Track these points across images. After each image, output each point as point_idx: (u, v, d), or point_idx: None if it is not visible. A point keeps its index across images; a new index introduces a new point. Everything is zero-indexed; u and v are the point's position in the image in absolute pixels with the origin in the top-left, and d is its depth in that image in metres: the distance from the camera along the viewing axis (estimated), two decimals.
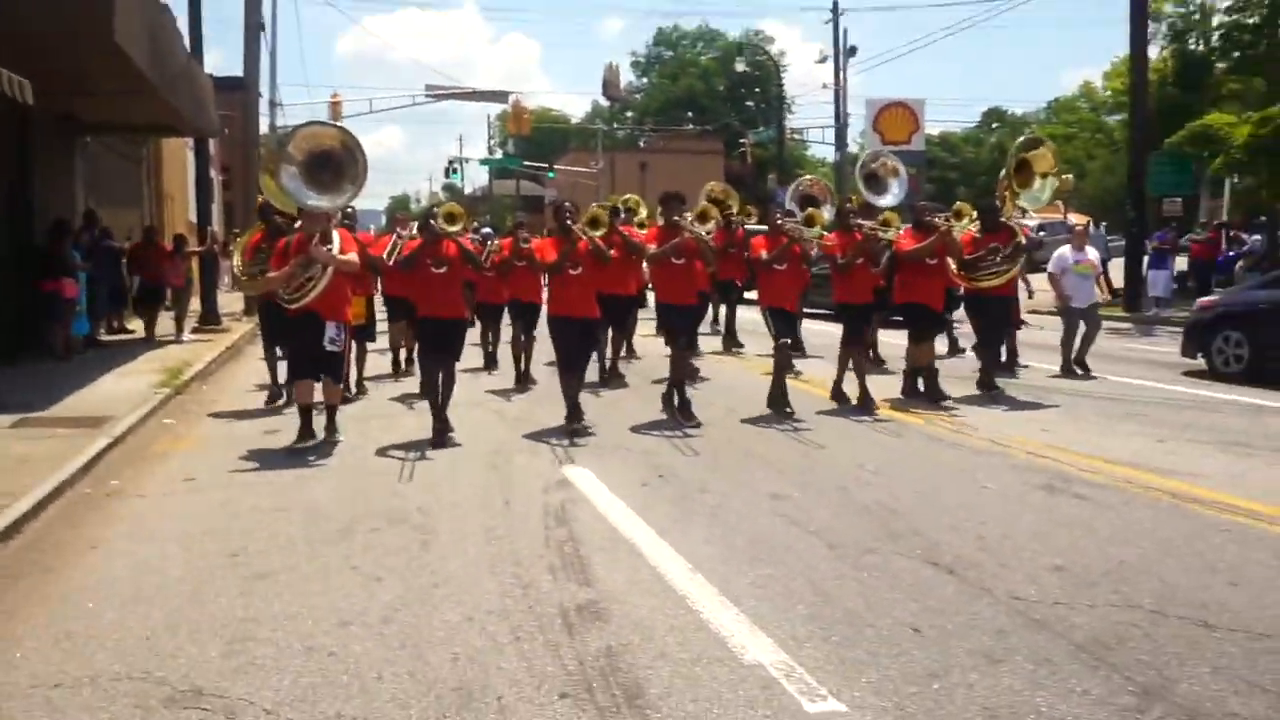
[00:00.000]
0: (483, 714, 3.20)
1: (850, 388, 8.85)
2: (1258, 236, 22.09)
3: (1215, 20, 22.10)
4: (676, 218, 8.36)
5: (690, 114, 68.26)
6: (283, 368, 8.82)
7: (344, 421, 7.89)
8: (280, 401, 9.20)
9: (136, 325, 15.15)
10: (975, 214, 9.26)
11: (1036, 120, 69.87)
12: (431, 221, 7.64)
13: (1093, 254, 11.18)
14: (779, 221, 8.84)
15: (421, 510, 5.63)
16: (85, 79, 11.17)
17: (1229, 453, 7.05)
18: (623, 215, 10.95)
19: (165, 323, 14.92)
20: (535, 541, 5.01)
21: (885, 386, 9.49)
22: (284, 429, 7.88)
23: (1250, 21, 20.62)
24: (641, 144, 62.61)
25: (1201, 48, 22.43)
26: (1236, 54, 21.11)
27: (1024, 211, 9.81)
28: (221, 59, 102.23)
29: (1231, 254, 21.87)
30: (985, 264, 9.02)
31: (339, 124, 7.30)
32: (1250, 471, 6.46)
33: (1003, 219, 9.21)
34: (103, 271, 13.77)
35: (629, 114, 72.77)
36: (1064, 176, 9.75)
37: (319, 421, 7.56)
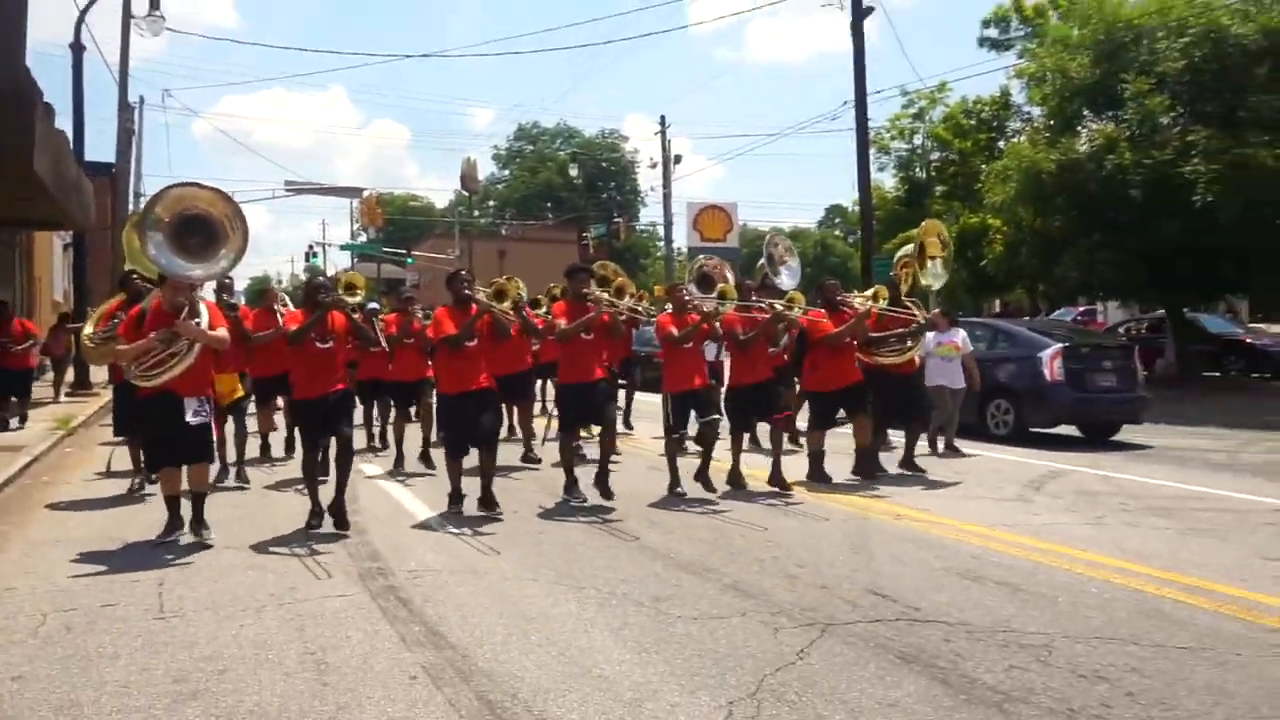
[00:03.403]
0: (316, 577, 5.93)
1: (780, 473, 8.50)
2: None
3: (933, 155, 28.38)
4: (585, 291, 7.95)
5: (549, 205, 72.04)
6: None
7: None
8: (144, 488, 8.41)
9: None
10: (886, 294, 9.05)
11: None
12: (322, 295, 7.03)
13: (958, 336, 11.00)
14: (687, 300, 8.57)
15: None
16: None
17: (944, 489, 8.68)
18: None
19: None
20: None
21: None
22: None
23: (953, 158, 27.08)
24: (504, 232, 65.90)
25: (924, 176, 28.60)
26: (951, 179, 27.22)
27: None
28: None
29: None
30: (888, 343, 9.28)
31: (215, 186, 6.84)
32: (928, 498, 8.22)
33: (905, 299, 9.53)
34: None
35: (491, 203, 76.28)
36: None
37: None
